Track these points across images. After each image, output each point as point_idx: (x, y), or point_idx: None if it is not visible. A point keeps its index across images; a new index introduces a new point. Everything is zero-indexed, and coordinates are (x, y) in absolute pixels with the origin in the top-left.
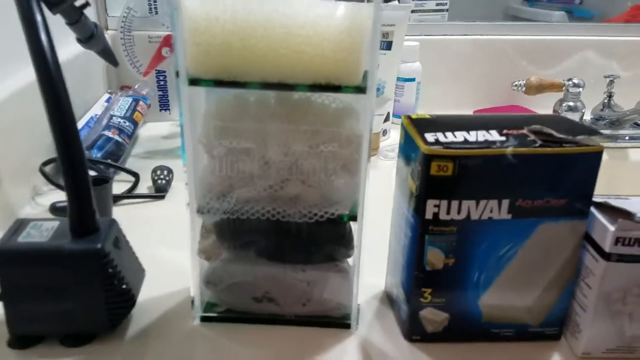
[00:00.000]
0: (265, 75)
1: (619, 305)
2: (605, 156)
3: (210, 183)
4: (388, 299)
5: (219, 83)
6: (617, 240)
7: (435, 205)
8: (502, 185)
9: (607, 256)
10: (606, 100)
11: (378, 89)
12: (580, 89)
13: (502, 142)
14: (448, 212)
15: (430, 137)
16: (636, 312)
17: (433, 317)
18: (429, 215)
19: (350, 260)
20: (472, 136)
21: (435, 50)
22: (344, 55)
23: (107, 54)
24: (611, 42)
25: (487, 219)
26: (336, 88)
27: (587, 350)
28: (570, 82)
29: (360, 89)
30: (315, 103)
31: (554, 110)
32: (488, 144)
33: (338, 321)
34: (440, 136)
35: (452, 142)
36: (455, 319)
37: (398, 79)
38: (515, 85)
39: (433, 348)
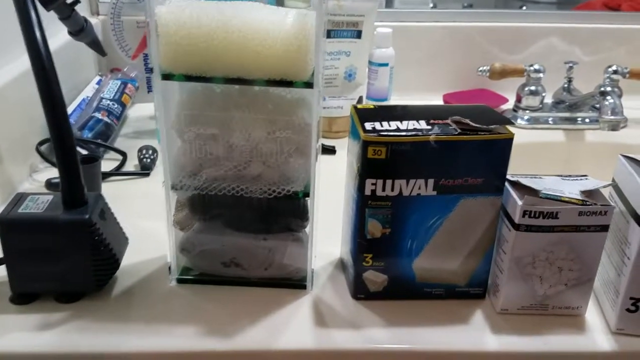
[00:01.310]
0: (227, 72)
1: (529, 269)
2: (563, 137)
3: (182, 163)
4: (341, 264)
5: (188, 78)
6: (524, 213)
7: (372, 184)
8: (428, 167)
9: (517, 226)
10: (566, 85)
11: (350, 75)
12: (541, 74)
13: (427, 130)
14: (384, 189)
15: (369, 125)
16: (545, 275)
17: (374, 278)
18: (367, 192)
19: (307, 231)
20: (404, 125)
21: (408, 37)
22: (294, 55)
23: (96, 45)
24: (574, 29)
25: (416, 195)
26: (288, 83)
27: (504, 307)
28: (532, 68)
29: (309, 84)
30: (272, 95)
31: (517, 94)
32: (415, 132)
33: (296, 283)
34: (377, 125)
35: (386, 130)
36: (393, 280)
37: (372, 63)
38: (480, 70)
39: (375, 305)
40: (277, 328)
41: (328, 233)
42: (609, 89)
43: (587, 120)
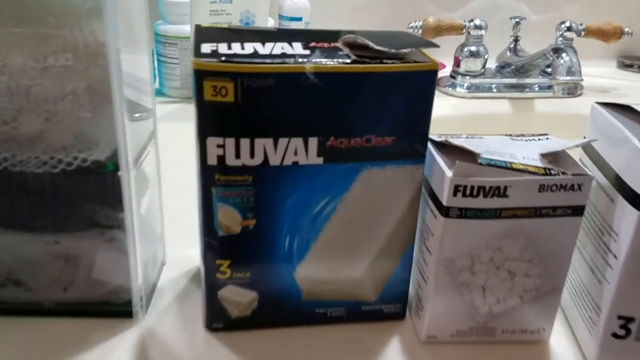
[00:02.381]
0: None
1: (466, 275)
2: (509, 108)
3: None
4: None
5: None
6: (456, 189)
7: (218, 146)
8: (306, 117)
9: (445, 211)
10: (512, 45)
11: (247, 24)
12: (483, 32)
13: (303, 56)
14: (237, 155)
15: (207, 47)
16: (490, 284)
17: (236, 297)
18: (212, 159)
19: (134, 228)
20: (267, 48)
21: None
22: None
23: None
24: None
25: (291, 165)
26: None
27: (431, 333)
28: (472, 24)
29: None
30: None
31: (455, 57)
32: (284, 58)
33: (117, 309)
34: (221, 47)
35: (235, 55)
36: (266, 299)
37: (281, 17)
38: (412, 27)
39: (238, 338)
40: None
41: (187, 229)
42: (563, 46)
43: (536, 87)
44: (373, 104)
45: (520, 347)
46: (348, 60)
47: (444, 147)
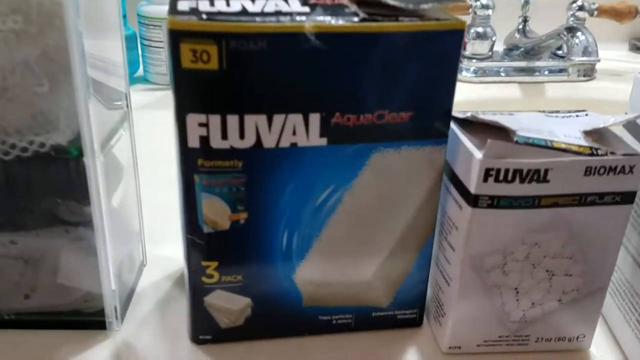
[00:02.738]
0: None
1: (496, 276)
2: (519, 93)
3: None
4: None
5: None
6: (488, 174)
7: (201, 124)
8: (306, 88)
9: (474, 200)
10: (520, 26)
11: None
12: (490, 12)
13: (302, 14)
14: (225, 136)
15: (184, 4)
16: (524, 285)
17: (226, 304)
18: (193, 141)
19: (104, 225)
20: (257, 5)
21: None
22: None
23: None
24: None
25: (289, 147)
26: None
27: (455, 343)
28: (478, 3)
29: None
30: None
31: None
32: (278, 16)
33: (88, 319)
34: (202, 4)
35: (219, 13)
36: (261, 306)
37: None
38: None
39: (229, 351)
40: None
41: (172, 225)
42: (576, 24)
43: (546, 71)
44: (386, 72)
45: (557, 357)
46: (356, 19)
47: (469, 126)
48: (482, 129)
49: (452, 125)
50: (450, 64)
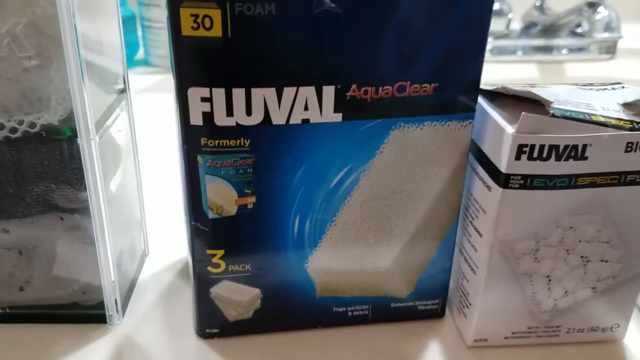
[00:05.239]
0: None
1: (528, 262)
2: (537, 72)
3: None
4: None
5: None
6: (521, 150)
7: (204, 99)
8: (320, 58)
9: (504, 180)
10: (538, 3)
11: None
12: None
13: None
14: (230, 112)
15: None
16: (558, 273)
17: (234, 296)
18: (196, 118)
19: (102, 211)
20: None
21: None
22: None
23: None
24: None
25: (301, 124)
26: None
27: (481, 335)
28: None
29: None
30: None
31: None
32: None
33: (87, 313)
34: None
35: None
36: (271, 297)
37: None
38: None
39: (237, 345)
40: None
41: (176, 213)
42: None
43: (565, 50)
44: (408, 38)
45: (590, 348)
46: None
47: (497, 100)
48: (512, 103)
49: (480, 99)
50: (481, 28)
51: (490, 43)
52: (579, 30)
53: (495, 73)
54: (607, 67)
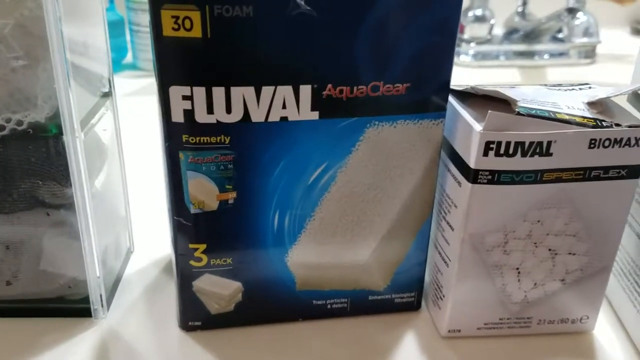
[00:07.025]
0: None
1: (497, 255)
2: (519, 77)
3: None
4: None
5: None
6: (488, 147)
7: (185, 97)
8: (297, 58)
9: (474, 175)
10: (520, 9)
11: None
12: None
13: None
14: (210, 110)
15: None
16: (527, 265)
17: (216, 289)
18: (177, 115)
19: (86, 208)
20: None
21: None
22: None
23: None
24: None
25: (279, 122)
26: None
27: (454, 326)
28: None
29: None
30: None
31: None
32: None
33: (73, 307)
34: None
35: None
36: (253, 290)
37: None
38: None
39: (220, 338)
40: None
41: (161, 210)
42: (577, 5)
43: (546, 55)
44: (381, 39)
45: (560, 339)
46: None
47: (468, 99)
48: (482, 102)
49: (451, 98)
50: (450, 30)
51: (473, 48)
52: (559, 35)
53: (477, 78)
54: (587, 71)
